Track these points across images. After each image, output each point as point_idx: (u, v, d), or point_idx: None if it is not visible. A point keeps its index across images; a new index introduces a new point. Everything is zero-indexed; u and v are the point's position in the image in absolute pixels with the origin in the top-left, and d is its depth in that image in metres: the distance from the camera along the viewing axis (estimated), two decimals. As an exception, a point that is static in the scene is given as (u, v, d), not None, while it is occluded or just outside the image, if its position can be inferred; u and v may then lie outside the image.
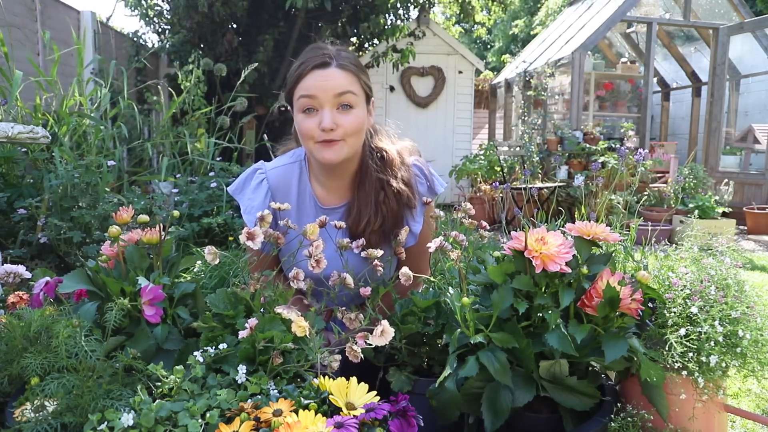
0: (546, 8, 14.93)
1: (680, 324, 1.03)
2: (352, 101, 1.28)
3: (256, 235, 1.08)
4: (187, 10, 5.53)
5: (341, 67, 1.28)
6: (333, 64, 1.28)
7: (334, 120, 1.26)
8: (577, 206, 1.84)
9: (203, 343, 1.04)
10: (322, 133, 1.27)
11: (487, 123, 9.85)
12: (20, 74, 2.98)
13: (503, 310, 1.01)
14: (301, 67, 1.29)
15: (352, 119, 1.29)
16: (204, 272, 2.21)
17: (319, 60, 1.27)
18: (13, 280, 1.27)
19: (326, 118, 1.26)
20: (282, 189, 1.40)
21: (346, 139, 1.29)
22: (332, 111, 1.27)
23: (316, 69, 1.27)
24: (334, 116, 1.27)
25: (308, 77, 1.27)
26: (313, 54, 1.30)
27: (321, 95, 1.26)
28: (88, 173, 2.55)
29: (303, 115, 1.29)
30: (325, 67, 1.27)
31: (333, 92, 1.26)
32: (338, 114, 1.28)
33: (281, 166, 1.43)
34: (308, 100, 1.27)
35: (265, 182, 1.40)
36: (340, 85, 1.27)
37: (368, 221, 1.33)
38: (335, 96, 1.26)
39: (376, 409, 0.86)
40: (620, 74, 8.64)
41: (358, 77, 1.31)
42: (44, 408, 0.88)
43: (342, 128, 1.27)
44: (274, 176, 1.41)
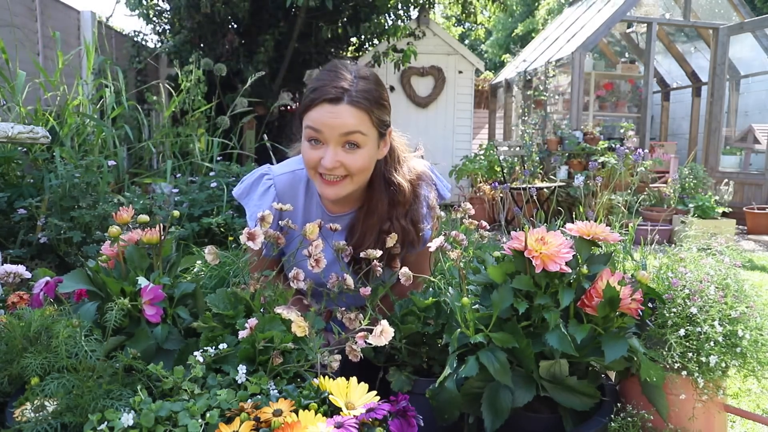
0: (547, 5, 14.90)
1: (680, 324, 1.03)
2: (359, 141, 1.23)
3: (256, 236, 1.08)
4: (188, 10, 5.53)
5: (353, 104, 1.22)
6: (345, 101, 1.21)
7: (337, 159, 1.23)
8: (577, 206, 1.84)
9: (203, 343, 1.04)
10: (323, 169, 1.25)
11: (487, 123, 9.85)
12: (23, 74, 2.99)
13: (503, 310, 1.01)
14: (314, 94, 1.23)
15: (358, 159, 1.24)
16: (204, 272, 2.21)
17: (331, 95, 1.21)
18: (13, 280, 1.28)
19: (328, 157, 1.22)
20: (289, 195, 1.38)
21: (351, 177, 1.27)
22: (336, 149, 1.23)
23: (327, 103, 1.21)
24: (338, 155, 1.23)
25: (318, 109, 1.22)
26: (329, 81, 1.23)
27: (327, 132, 1.22)
28: (88, 173, 2.55)
29: (308, 144, 1.26)
30: (335, 103, 1.21)
31: (339, 131, 1.21)
32: (343, 152, 1.23)
33: (289, 172, 1.41)
34: (314, 132, 1.23)
35: (272, 189, 1.38)
36: (348, 125, 1.21)
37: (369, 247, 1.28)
38: (341, 135, 1.22)
39: (376, 409, 0.86)
40: (620, 74, 8.64)
41: (370, 114, 1.24)
42: (44, 408, 0.88)
43: (345, 167, 1.24)
44: (281, 183, 1.39)
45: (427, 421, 0.97)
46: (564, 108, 7.53)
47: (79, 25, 4.81)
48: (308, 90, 1.26)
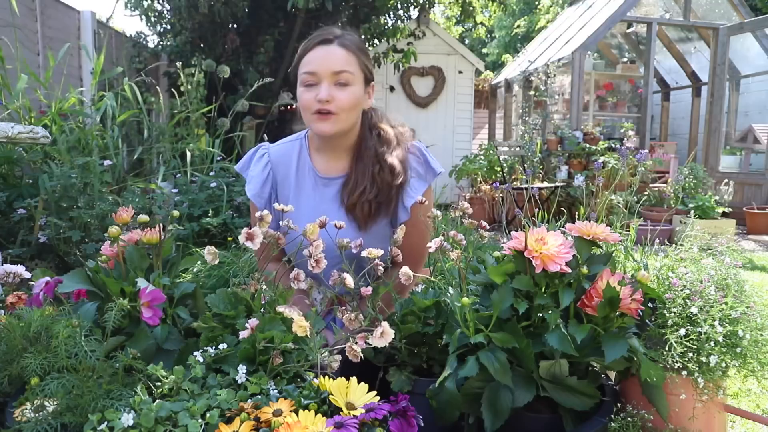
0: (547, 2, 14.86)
1: (680, 324, 1.03)
2: (349, 79, 1.38)
3: (255, 236, 1.08)
4: (188, 11, 5.53)
5: (343, 46, 1.39)
6: (335, 42, 1.38)
7: (330, 93, 1.36)
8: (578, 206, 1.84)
9: (203, 343, 1.04)
10: (318, 104, 1.37)
11: (487, 123, 9.84)
12: (25, 77, 2.99)
13: (503, 310, 1.01)
14: (307, 43, 1.41)
15: (348, 95, 1.38)
16: (203, 272, 2.21)
17: (322, 37, 1.39)
18: (12, 280, 1.27)
19: (323, 90, 1.36)
20: (283, 163, 1.52)
21: (340, 114, 1.39)
22: (330, 86, 1.37)
23: (319, 45, 1.39)
24: (331, 90, 1.37)
25: (311, 52, 1.39)
26: (320, 32, 1.41)
27: (320, 71, 1.37)
28: (84, 173, 2.55)
29: (303, 89, 1.40)
30: (327, 44, 1.38)
31: (332, 69, 1.37)
32: (335, 89, 1.38)
33: (283, 143, 1.56)
34: (309, 76, 1.38)
35: (266, 156, 1.52)
36: (339, 63, 1.37)
37: (363, 190, 1.42)
38: (333, 73, 1.37)
39: (376, 409, 0.86)
40: (620, 74, 8.64)
41: (357, 57, 1.41)
42: (44, 408, 0.88)
43: (337, 102, 1.37)
44: (275, 151, 1.53)
45: (427, 421, 0.97)
46: (564, 108, 7.53)
47: (79, 25, 4.81)
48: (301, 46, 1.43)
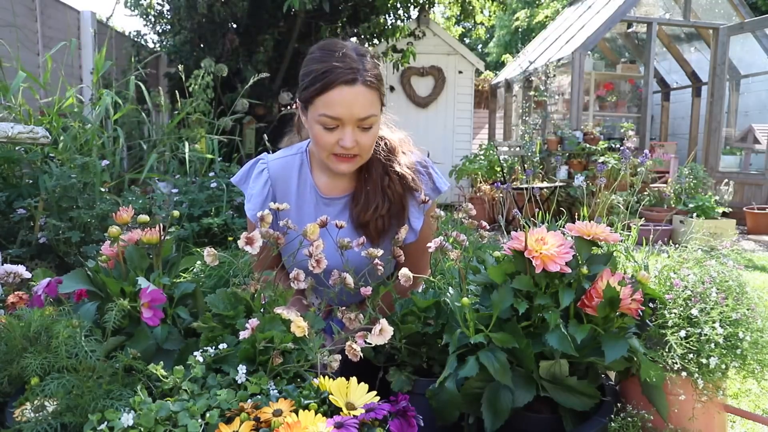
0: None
1: (681, 325, 1.03)
2: (372, 122, 1.29)
3: (254, 240, 1.08)
4: (187, 11, 5.53)
5: (367, 85, 1.26)
6: (359, 81, 1.24)
7: (354, 139, 1.27)
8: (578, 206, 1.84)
9: (203, 343, 1.04)
10: (340, 149, 1.29)
11: (487, 123, 9.84)
12: (22, 75, 2.98)
13: (503, 310, 1.01)
14: (327, 76, 1.24)
15: (371, 137, 1.31)
16: (203, 272, 2.21)
17: (347, 76, 1.23)
18: (13, 280, 1.27)
19: (348, 138, 1.27)
20: (282, 179, 1.43)
21: (362, 154, 1.32)
22: (354, 130, 1.27)
23: (344, 85, 1.23)
24: (355, 135, 1.27)
25: (334, 92, 1.24)
26: (339, 63, 1.24)
27: (345, 117, 1.25)
28: (84, 173, 2.54)
29: (321, 128, 1.28)
30: (352, 84, 1.24)
31: (357, 116, 1.26)
32: (358, 132, 1.28)
33: (283, 157, 1.46)
34: (331, 120, 1.26)
35: (265, 172, 1.42)
36: (365, 109, 1.26)
37: (377, 207, 1.36)
38: (359, 119, 1.27)
39: (376, 409, 0.86)
40: (620, 74, 8.64)
41: (378, 91, 1.30)
42: (44, 408, 0.88)
43: (360, 146, 1.29)
44: (275, 167, 1.43)
45: (427, 421, 0.97)
46: (564, 108, 7.53)
47: (79, 25, 4.81)
48: (314, 72, 1.26)
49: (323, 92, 1.24)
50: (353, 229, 1.39)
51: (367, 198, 1.38)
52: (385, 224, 1.37)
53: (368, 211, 1.36)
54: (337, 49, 1.28)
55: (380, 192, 1.37)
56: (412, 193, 1.41)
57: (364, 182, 1.40)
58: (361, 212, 1.37)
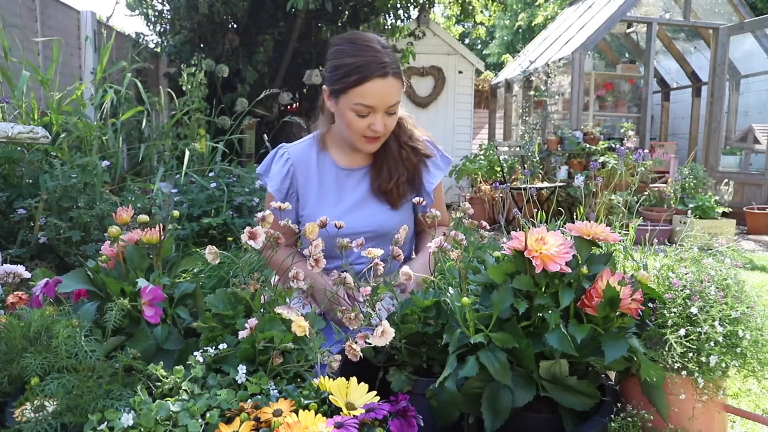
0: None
1: (680, 324, 1.03)
2: (397, 108, 1.49)
3: (257, 235, 1.08)
4: (187, 11, 5.53)
5: (395, 76, 1.43)
6: (390, 73, 1.42)
7: (384, 124, 1.46)
8: (577, 206, 1.84)
9: (203, 343, 1.04)
10: (371, 132, 1.47)
11: (487, 123, 9.84)
12: (27, 74, 2.99)
13: (503, 310, 1.01)
14: (362, 71, 1.39)
15: (394, 120, 1.51)
16: (204, 272, 2.21)
17: (381, 70, 1.40)
18: (12, 280, 1.27)
19: (379, 124, 1.45)
20: (302, 160, 1.60)
21: (386, 134, 1.52)
22: (384, 116, 1.46)
23: (378, 78, 1.40)
24: (384, 120, 1.46)
25: (368, 85, 1.40)
26: (372, 58, 1.40)
27: (378, 106, 1.43)
28: (84, 173, 2.55)
29: (355, 115, 1.45)
30: (385, 77, 1.41)
31: (388, 104, 1.44)
32: (386, 117, 1.47)
33: (300, 143, 1.64)
34: (365, 108, 1.43)
35: (286, 155, 1.60)
36: (394, 97, 1.45)
37: (398, 177, 1.56)
38: (390, 106, 1.45)
39: (376, 409, 0.86)
40: (620, 74, 8.65)
41: (402, 80, 1.47)
42: (44, 408, 0.88)
43: (386, 128, 1.48)
44: (295, 150, 1.61)
45: (427, 421, 0.97)
46: (564, 108, 7.53)
47: (79, 25, 4.81)
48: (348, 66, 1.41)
49: (359, 85, 1.40)
50: (374, 196, 1.58)
51: (389, 169, 1.56)
52: (402, 191, 1.57)
53: (391, 180, 1.55)
54: (366, 44, 1.44)
55: (400, 163, 1.57)
56: (424, 162, 1.61)
57: (384, 155, 1.58)
58: (383, 182, 1.55)
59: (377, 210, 1.56)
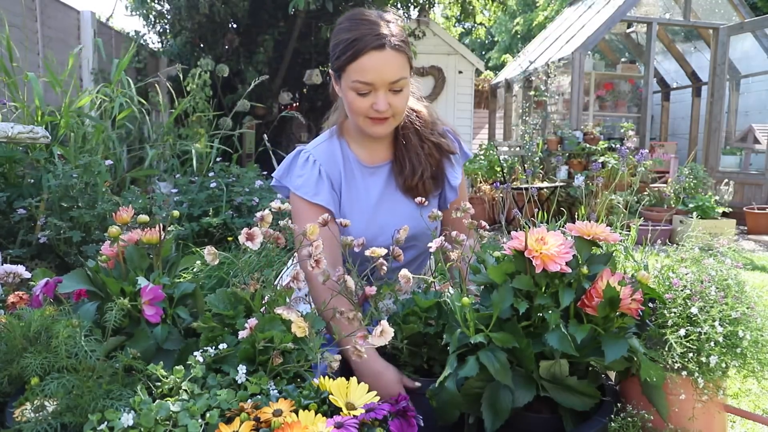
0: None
1: (680, 324, 1.03)
2: (403, 84, 1.35)
3: (255, 236, 1.08)
4: (188, 11, 5.53)
5: (395, 49, 1.32)
6: (387, 46, 1.30)
7: (387, 102, 1.34)
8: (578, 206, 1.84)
9: (203, 343, 1.04)
10: (374, 113, 1.36)
11: (487, 123, 9.84)
12: (33, 75, 2.99)
13: (503, 310, 1.01)
14: (356, 44, 1.30)
15: (402, 100, 1.37)
16: (204, 273, 2.21)
17: (375, 42, 1.29)
18: (12, 280, 1.27)
19: (381, 101, 1.33)
20: (330, 161, 1.49)
21: (396, 116, 1.40)
22: (386, 94, 1.34)
23: (373, 51, 1.29)
24: (388, 98, 1.34)
25: (364, 58, 1.30)
26: (367, 30, 1.31)
27: (377, 82, 1.32)
28: (86, 173, 2.55)
29: (355, 94, 1.35)
30: (381, 50, 1.30)
31: (388, 80, 1.32)
32: (391, 95, 1.35)
33: (321, 143, 1.52)
34: (363, 85, 1.32)
35: (311, 158, 1.47)
36: (395, 72, 1.32)
37: (422, 173, 1.48)
38: (390, 83, 1.33)
39: (376, 409, 0.86)
40: (620, 74, 8.64)
41: (406, 55, 1.36)
42: (44, 408, 0.88)
43: (393, 108, 1.36)
44: (320, 152, 1.49)
45: (427, 421, 0.97)
46: (564, 108, 7.52)
47: (79, 25, 4.81)
48: (343, 41, 1.32)
49: (354, 59, 1.30)
50: (402, 194, 1.50)
51: (412, 164, 1.48)
52: (428, 186, 1.49)
53: (415, 176, 1.47)
54: (363, 17, 1.35)
55: (423, 157, 1.49)
56: (447, 157, 1.53)
57: (404, 149, 1.50)
58: (408, 177, 1.47)
59: (407, 209, 1.48)
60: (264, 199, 3.59)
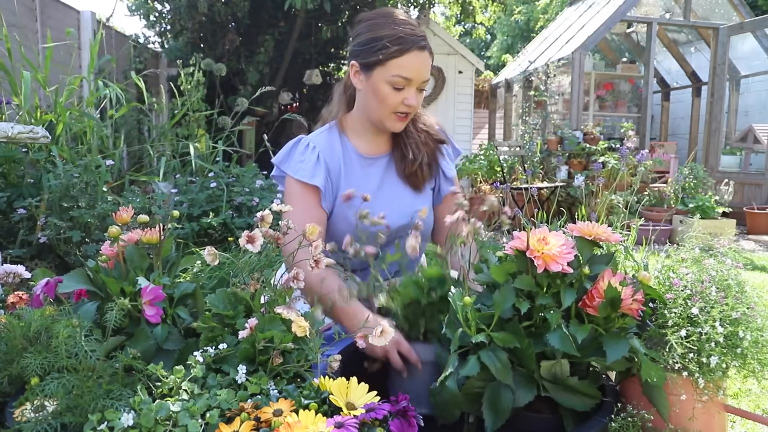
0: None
1: (681, 325, 1.03)
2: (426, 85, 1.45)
3: (255, 239, 1.08)
4: (188, 11, 5.53)
5: (429, 51, 1.42)
6: (427, 47, 1.40)
7: (417, 100, 1.43)
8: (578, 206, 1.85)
9: (203, 343, 1.04)
10: (404, 108, 1.42)
11: (487, 123, 9.84)
12: (29, 74, 2.98)
13: (505, 309, 1.01)
14: (403, 41, 1.37)
15: (422, 99, 1.47)
16: (204, 273, 2.21)
17: (421, 42, 1.39)
18: (12, 280, 1.27)
19: (412, 98, 1.41)
20: (329, 149, 1.53)
21: (413, 113, 1.48)
22: (416, 92, 1.42)
23: (417, 50, 1.38)
24: (417, 96, 1.43)
25: (408, 56, 1.37)
26: (411, 31, 1.39)
27: (416, 79, 1.40)
28: (86, 173, 2.54)
29: (391, 89, 1.40)
30: (423, 50, 1.39)
31: (423, 79, 1.42)
32: (418, 94, 1.44)
33: (321, 132, 1.57)
34: (403, 80, 1.39)
35: (311, 144, 1.51)
36: (428, 73, 1.43)
37: (422, 159, 1.54)
38: (423, 82, 1.42)
39: (377, 409, 0.86)
40: (620, 74, 8.64)
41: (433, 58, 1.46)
42: (44, 408, 0.88)
43: (416, 106, 1.45)
44: (320, 140, 1.53)
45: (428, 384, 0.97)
46: (564, 108, 7.52)
47: (79, 25, 4.81)
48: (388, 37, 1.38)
49: (399, 56, 1.37)
50: (401, 183, 1.55)
51: (412, 151, 1.54)
52: (425, 173, 1.55)
53: (416, 162, 1.53)
54: (404, 18, 1.42)
55: (422, 145, 1.55)
56: (439, 147, 1.60)
57: (405, 137, 1.55)
58: (409, 164, 1.53)
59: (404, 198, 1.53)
60: (264, 199, 3.59)
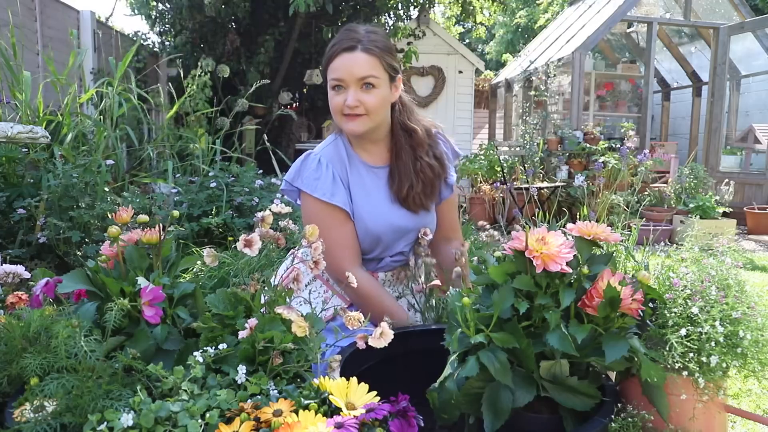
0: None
1: (681, 324, 1.02)
2: (374, 82, 1.45)
3: (253, 242, 1.08)
4: (189, 11, 5.53)
5: (366, 51, 1.44)
6: (358, 48, 1.44)
7: (356, 98, 1.45)
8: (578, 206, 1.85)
9: (203, 343, 1.04)
10: (347, 109, 1.46)
11: (487, 123, 9.84)
12: (29, 74, 2.99)
13: (504, 310, 1.01)
14: (332, 49, 1.47)
15: (374, 98, 1.46)
16: (204, 273, 2.21)
17: (346, 44, 1.44)
18: (12, 280, 1.27)
19: (350, 97, 1.45)
20: (337, 161, 1.57)
21: (369, 114, 1.48)
22: (356, 91, 1.45)
23: (344, 52, 1.44)
24: (358, 95, 1.45)
25: (337, 59, 1.45)
26: (344, 36, 1.47)
27: (347, 78, 1.44)
28: (86, 173, 2.54)
29: (333, 92, 1.48)
30: (351, 51, 1.44)
31: (356, 76, 1.44)
32: (362, 93, 1.45)
33: (327, 146, 1.61)
34: (336, 81, 1.46)
35: (322, 159, 1.55)
36: (363, 70, 1.44)
37: (411, 185, 1.54)
38: (359, 79, 1.44)
39: (376, 410, 0.86)
40: (620, 74, 8.64)
41: (381, 59, 1.46)
42: (44, 408, 0.88)
43: (365, 105, 1.46)
44: (327, 153, 1.57)
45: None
46: (564, 108, 7.52)
47: (79, 25, 4.81)
48: (328, 49, 1.50)
49: (330, 61, 1.47)
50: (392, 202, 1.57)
51: (400, 177, 1.56)
52: (418, 201, 1.56)
53: (403, 189, 1.54)
54: (348, 29, 1.49)
55: (412, 173, 1.56)
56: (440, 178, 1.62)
57: (396, 161, 1.58)
58: (398, 190, 1.55)
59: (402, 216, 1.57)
60: (264, 198, 3.59)
